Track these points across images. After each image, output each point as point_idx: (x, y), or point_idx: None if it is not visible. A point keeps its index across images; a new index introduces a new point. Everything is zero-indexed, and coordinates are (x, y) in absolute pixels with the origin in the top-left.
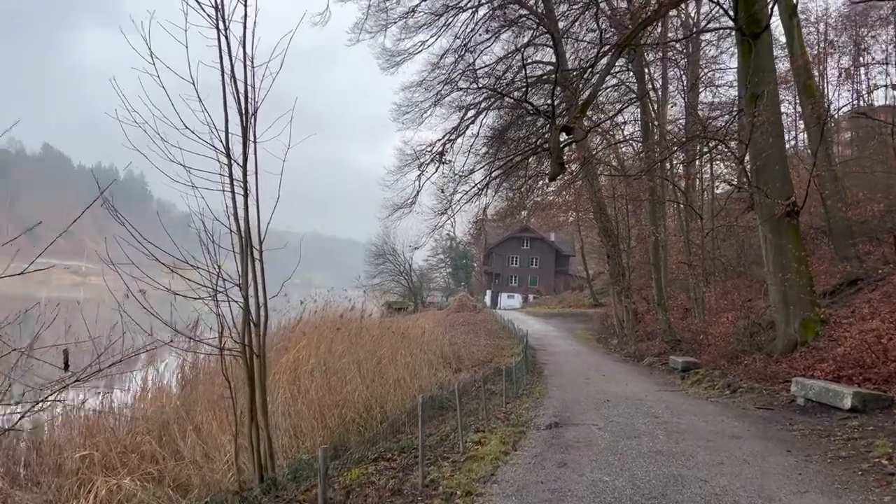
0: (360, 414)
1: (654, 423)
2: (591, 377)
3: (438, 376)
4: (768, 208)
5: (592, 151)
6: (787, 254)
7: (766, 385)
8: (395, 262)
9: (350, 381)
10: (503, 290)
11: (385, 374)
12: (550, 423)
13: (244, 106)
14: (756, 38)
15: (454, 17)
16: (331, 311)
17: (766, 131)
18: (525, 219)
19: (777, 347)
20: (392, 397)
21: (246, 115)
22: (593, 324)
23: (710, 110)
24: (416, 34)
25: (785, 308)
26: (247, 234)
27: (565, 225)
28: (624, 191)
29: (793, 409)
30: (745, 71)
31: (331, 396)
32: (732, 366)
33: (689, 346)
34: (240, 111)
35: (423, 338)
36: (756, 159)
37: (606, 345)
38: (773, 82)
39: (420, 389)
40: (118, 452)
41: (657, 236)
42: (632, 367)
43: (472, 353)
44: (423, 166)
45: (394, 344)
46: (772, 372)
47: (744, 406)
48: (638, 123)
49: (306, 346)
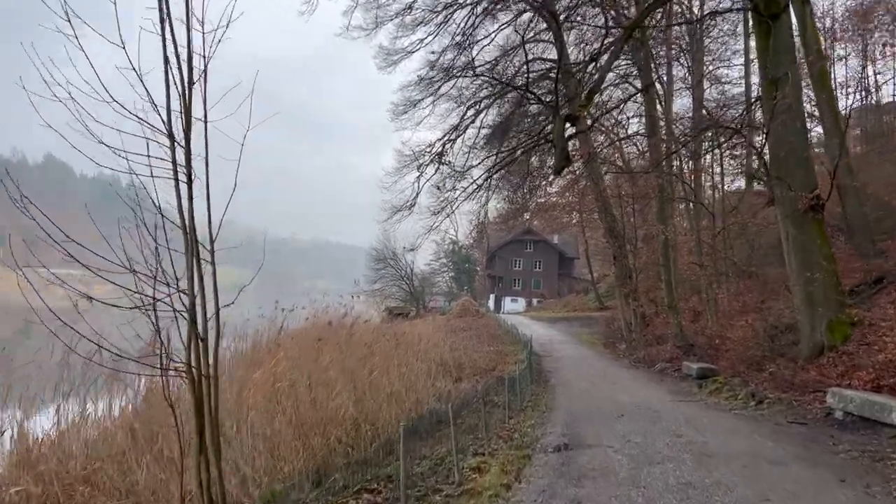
0: (347, 432)
1: (677, 443)
2: (601, 386)
3: (437, 386)
4: (790, 202)
5: (597, 148)
6: (812, 251)
7: (795, 395)
8: (396, 266)
9: (337, 396)
10: (506, 293)
11: (378, 386)
12: (559, 443)
13: (186, 75)
14: (775, 20)
15: (452, 14)
16: (323, 319)
17: (786, 118)
18: (528, 221)
19: (801, 352)
20: (385, 412)
21: (189, 89)
22: (599, 328)
23: (719, 106)
24: (413, 32)
25: (810, 309)
26: (191, 228)
27: (569, 226)
28: (630, 189)
29: (830, 423)
30: (763, 55)
31: (314, 413)
32: (753, 372)
33: (704, 350)
34: (182, 80)
35: (420, 345)
36: (776, 149)
37: (614, 350)
38: (793, 64)
39: (416, 403)
40: (65, 485)
41: (666, 235)
42: (643, 374)
43: (474, 361)
44: (423, 167)
45: (388, 352)
46: (800, 380)
47: (774, 420)
48: (642, 121)
49: (285, 358)
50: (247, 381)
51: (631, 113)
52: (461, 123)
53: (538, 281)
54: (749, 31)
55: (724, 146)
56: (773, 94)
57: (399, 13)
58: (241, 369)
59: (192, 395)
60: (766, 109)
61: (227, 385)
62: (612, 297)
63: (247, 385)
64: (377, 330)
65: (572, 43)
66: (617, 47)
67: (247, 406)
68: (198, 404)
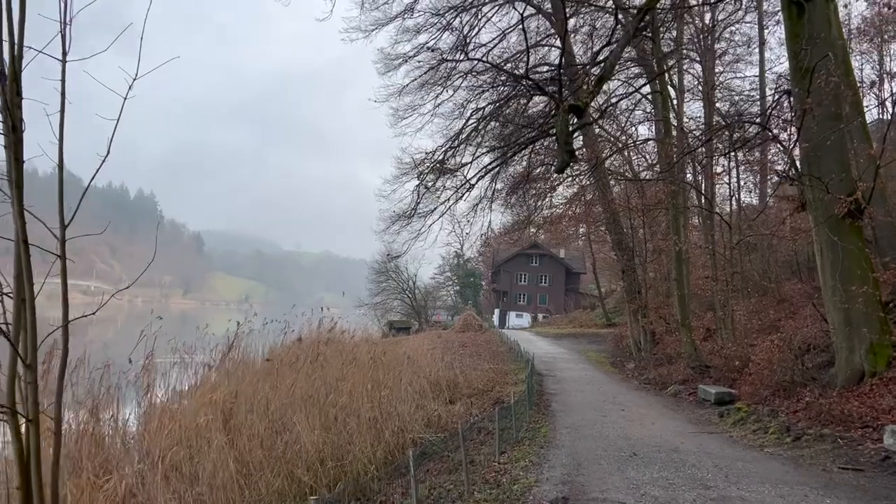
0: (310, 468)
1: (706, 499)
2: (609, 413)
3: (428, 410)
4: (825, 207)
5: (603, 155)
6: (851, 262)
7: (838, 430)
8: (398, 279)
9: (297, 427)
10: (511, 308)
11: (352, 413)
12: (556, 496)
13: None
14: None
15: (455, 17)
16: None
17: (820, 113)
18: (534, 235)
19: (836, 378)
20: (358, 444)
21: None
22: (607, 345)
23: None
24: (415, 36)
25: (848, 329)
26: (17, 200)
27: (575, 239)
28: (639, 201)
29: (892, 470)
30: (794, 41)
31: (263, 452)
32: (781, 400)
33: (720, 372)
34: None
35: (404, 366)
36: (809, 147)
37: (622, 370)
38: (830, 50)
39: (398, 431)
40: None
41: (680, 247)
42: (654, 399)
43: (471, 381)
44: (423, 175)
45: (365, 374)
46: (842, 412)
47: (821, 464)
48: (651, 130)
49: (226, 385)
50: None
51: (638, 120)
52: (465, 126)
53: (544, 296)
54: (764, 24)
55: (744, 148)
56: (805, 85)
57: (400, 14)
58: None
59: (14, 447)
60: (798, 102)
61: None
62: (620, 314)
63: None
64: (356, 347)
65: (578, 42)
66: (629, 32)
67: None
68: (21, 459)
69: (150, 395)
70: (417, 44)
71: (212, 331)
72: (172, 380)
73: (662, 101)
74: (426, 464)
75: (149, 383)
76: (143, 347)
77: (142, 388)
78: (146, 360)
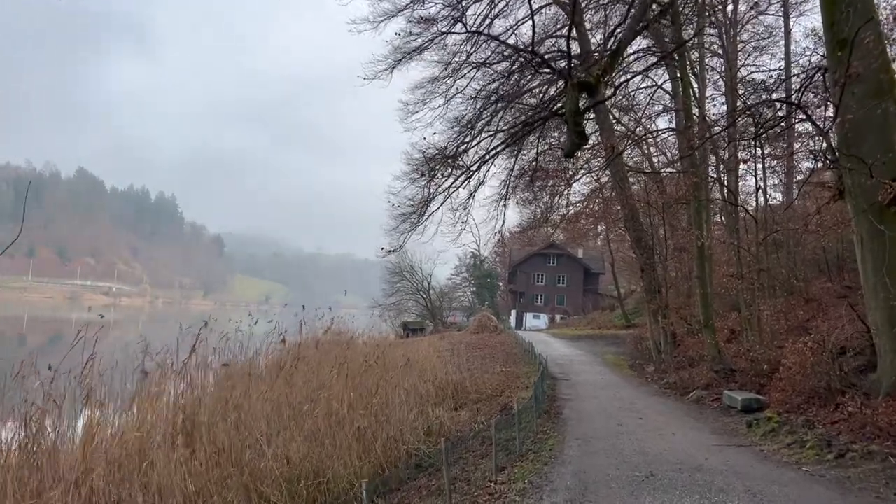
0: (283, 488)
1: None
2: (625, 422)
3: (430, 417)
4: (867, 193)
5: (621, 147)
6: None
7: (888, 445)
8: (413, 279)
9: (273, 440)
10: (528, 309)
11: (339, 422)
12: None
13: None
14: None
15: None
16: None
17: (861, 89)
18: (552, 234)
19: (880, 385)
20: (343, 458)
21: None
22: (625, 347)
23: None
24: (428, 29)
25: (893, 330)
26: None
27: (594, 237)
28: (658, 197)
29: None
30: (830, 10)
31: (232, 468)
32: (816, 408)
33: (747, 377)
34: None
35: (404, 369)
36: (848, 127)
37: (641, 373)
38: (870, 20)
39: (391, 441)
40: None
41: (703, 242)
42: (675, 405)
43: (479, 385)
44: (434, 170)
45: (350, 381)
46: (890, 424)
47: (873, 489)
48: (670, 121)
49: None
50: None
51: (657, 113)
52: (478, 122)
53: (562, 297)
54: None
55: (771, 134)
56: (845, 58)
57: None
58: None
59: None
60: (836, 77)
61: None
62: (640, 315)
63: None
64: (350, 349)
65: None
66: (645, 2)
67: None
68: None
69: (89, 404)
70: (428, 38)
71: (220, 329)
72: (124, 386)
73: (683, 88)
74: (419, 479)
75: (88, 392)
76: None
77: (81, 398)
78: (86, 364)
